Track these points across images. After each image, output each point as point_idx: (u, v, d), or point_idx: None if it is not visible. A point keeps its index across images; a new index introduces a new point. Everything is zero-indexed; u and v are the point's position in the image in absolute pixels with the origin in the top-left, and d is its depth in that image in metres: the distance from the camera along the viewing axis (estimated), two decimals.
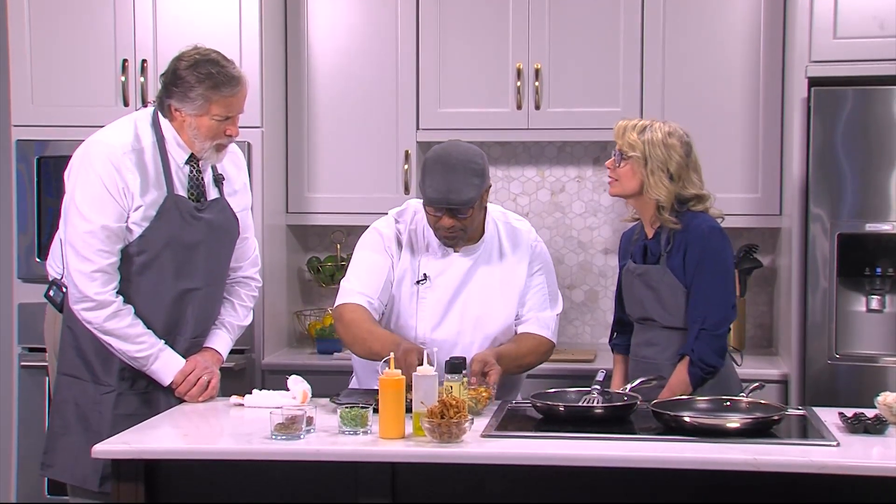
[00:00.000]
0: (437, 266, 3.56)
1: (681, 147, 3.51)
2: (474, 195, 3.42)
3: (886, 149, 3.97)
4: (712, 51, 4.46)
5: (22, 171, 4.44)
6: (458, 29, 4.57)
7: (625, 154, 3.50)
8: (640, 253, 3.59)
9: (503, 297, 3.58)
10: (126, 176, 3.32)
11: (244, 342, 4.21)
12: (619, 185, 3.53)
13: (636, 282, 3.57)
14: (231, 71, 3.36)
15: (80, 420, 3.40)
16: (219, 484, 3.00)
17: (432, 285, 3.55)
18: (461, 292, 3.55)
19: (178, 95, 3.35)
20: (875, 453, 2.88)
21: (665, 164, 3.47)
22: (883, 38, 4.02)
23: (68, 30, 4.44)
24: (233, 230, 3.55)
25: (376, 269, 3.55)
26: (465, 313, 3.55)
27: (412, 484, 2.93)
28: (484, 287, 3.56)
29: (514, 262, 3.61)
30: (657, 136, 3.48)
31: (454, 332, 3.53)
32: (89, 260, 3.31)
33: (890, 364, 3.99)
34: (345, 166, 4.64)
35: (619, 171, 3.51)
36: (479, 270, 3.57)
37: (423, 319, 3.55)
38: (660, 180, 3.47)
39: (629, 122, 3.55)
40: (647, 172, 3.48)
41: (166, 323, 3.42)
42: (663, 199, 3.48)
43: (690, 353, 3.42)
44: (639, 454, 2.88)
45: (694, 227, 3.48)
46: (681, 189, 3.49)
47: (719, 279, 3.47)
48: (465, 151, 3.47)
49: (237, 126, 3.42)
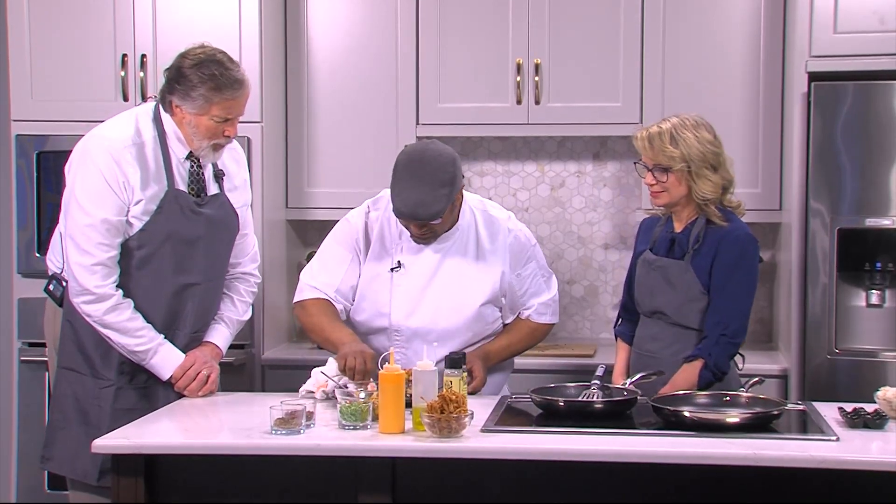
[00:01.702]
0: (411, 252, 3.55)
1: (710, 134, 3.48)
2: (442, 207, 3.39)
3: (886, 144, 3.97)
4: (712, 45, 4.45)
5: (21, 166, 4.44)
6: (458, 24, 4.56)
7: (667, 167, 3.44)
8: (664, 245, 3.54)
9: (478, 283, 3.56)
10: (126, 170, 3.32)
11: (244, 337, 4.21)
12: (667, 195, 3.47)
13: (654, 274, 3.53)
14: (234, 73, 3.35)
15: (79, 414, 3.40)
16: (219, 479, 3.00)
17: (406, 272, 3.54)
18: (435, 279, 3.55)
19: (180, 93, 3.35)
20: (874, 448, 2.88)
21: (706, 160, 3.44)
22: (883, 32, 4.01)
23: (68, 25, 4.43)
24: (232, 226, 3.54)
25: (338, 261, 3.58)
26: (440, 300, 3.54)
27: (412, 478, 2.93)
28: (459, 274, 3.55)
29: (490, 250, 3.59)
30: (690, 139, 3.43)
31: (428, 319, 3.51)
32: (89, 253, 3.31)
33: (889, 359, 3.99)
34: (344, 161, 4.64)
35: (665, 184, 3.46)
36: (453, 257, 3.55)
37: (397, 307, 3.54)
38: (707, 178, 3.44)
39: (651, 132, 3.47)
40: (694, 176, 3.43)
41: (166, 317, 3.42)
42: (712, 194, 3.45)
43: (707, 357, 3.38)
44: (638, 449, 2.88)
45: (730, 231, 3.45)
46: (724, 174, 3.47)
47: (747, 289, 3.46)
48: (437, 158, 3.40)
49: (236, 128, 3.41)
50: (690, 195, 3.46)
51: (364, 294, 3.58)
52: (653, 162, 3.47)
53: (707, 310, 3.44)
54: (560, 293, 4.82)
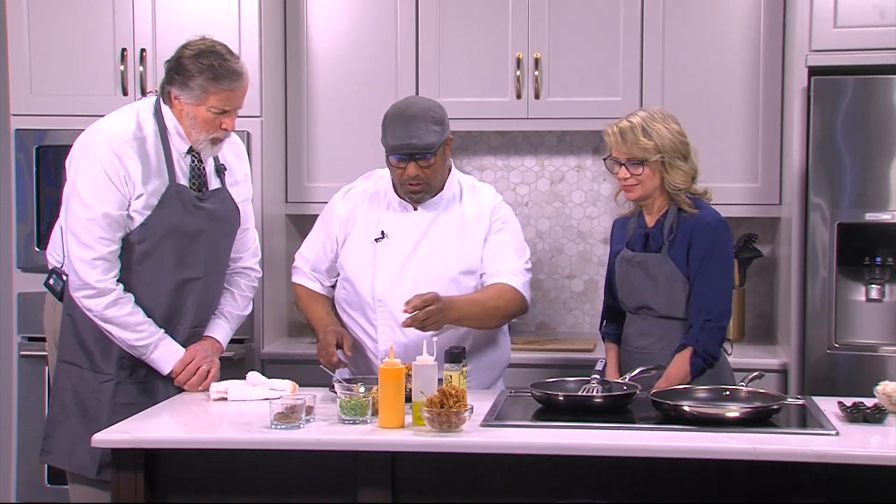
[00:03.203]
0: (396, 221, 3.60)
1: (677, 125, 3.52)
2: (436, 140, 3.49)
3: (886, 138, 3.97)
4: (712, 40, 4.45)
5: (21, 160, 4.43)
6: (458, 18, 4.56)
7: (642, 160, 3.46)
8: (640, 241, 3.58)
9: (460, 254, 3.58)
10: (127, 164, 3.32)
11: (244, 332, 4.21)
12: (641, 188, 3.49)
13: (634, 270, 3.55)
14: (233, 65, 3.36)
15: (78, 408, 3.41)
16: (218, 473, 3.00)
17: (390, 241, 3.58)
18: (419, 248, 3.58)
19: (179, 83, 3.35)
20: (874, 442, 2.88)
21: (677, 150, 3.48)
22: (883, 27, 4.01)
23: (67, 19, 4.43)
24: (234, 220, 3.55)
25: (318, 243, 3.74)
26: (422, 270, 3.55)
27: (411, 473, 2.93)
28: (442, 244, 3.58)
29: (474, 221, 3.61)
30: (662, 130, 3.47)
31: (411, 289, 3.46)
32: (90, 247, 3.31)
33: (889, 353, 3.99)
34: (344, 155, 4.63)
35: (640, 176, 3.48)
36: (437, 227, 3.59)
37: (380, 278, 3.57)
38: (679, 167, 3.48)
39: (622, 126, 3.49)
40: (667, 167, 3.47)
41: (166, 312, 3.42)
42: (684, 184, 3.49)
43: (695, 343, 3.40)
44: (638, 443, 2.88)
45: (700, 218, 3.48)
46: (692, 164, 3.51)
47: (725, 272, 3.50)
48: (424, 102, 3.60)
49: (234, 121, 3.42)
50: (663, 187, 3.50)
51: (348, 267, 3.64)
52: (626, 156, 3.48)
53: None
54: (559, 288, 4.86)
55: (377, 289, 3.56)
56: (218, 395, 3.36)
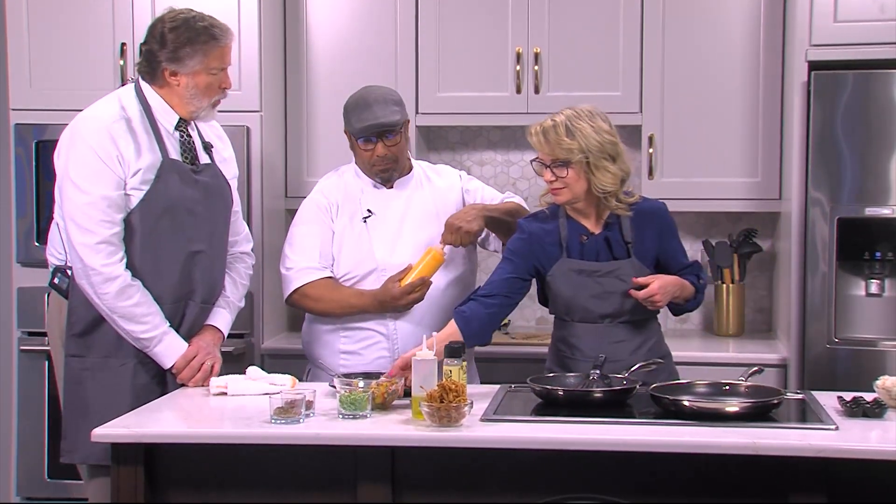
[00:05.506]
0: (378, 198, 3.78)
1: (606, 124, 3.40)
2: (399, 118, 3.69)
3: (886, 133, 3.96)
4: (712, 34, 4.45)
5: (20, 154, 4.43)
6: (458, 12, 4.56)
7: (565, 161, 3.35)
8: (600, 249, 3.44)
9: (443, 215, 3.75)
10: (119, 143, 3.34)
11: (243, 326, 4.21)
12: (568, 191, 3.38)
13: (601, 280, 3.43)
14: (218, 22, 3.46)
15: (96, 399, 3.37)
16: (218, 467, 3.00)
17: (378, 217, 3.76)
18: (406, 221, 3.77)
19: (170, 58, 3.39)
20: (873, 437, 2.88)
21: (604, 151, 3.36)
22: (883, 21, 4.00)
23: (66, 13, 4.42)
24: (227, 195, 3.58)
25: (315, 235, 3.76)
26: (414, 238, 3.74)
27: (411, 467, 2.93)
28: (424, 213, 3.78)
29: (447, 191, 3.86)
30: (586, 129, 3.34)
31: (408, 257, 3.70)
32: (91, 231, 3.31)
33: (889, 348, 3.99)
34: (344, 150, 4.60)
35: (565, 179, 3.37)
36: (415, 200, 3.80)
37: (378, 247, 3.73)
38: (606, 169, 3.36)
39: (545, 126, 3.38)
40: (592, 168, 3.35)
41: (178, 287, 3.42)
42: (612, 186, 3.38)
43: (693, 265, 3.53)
44: (637, 438, 2.88)
45: (644, 210, 3.46)
46: (622, 165, 3.40)
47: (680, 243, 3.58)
48: (380, 87, 3.79)
49: (230, 78, 3.49)
50: (590, 190, 3.39)
51: (343, 247, 3.74)
52: (550, 157, 3.38)
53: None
54: None
55: (378, 256, 3.72)
56: (218, 389, 3.36)
